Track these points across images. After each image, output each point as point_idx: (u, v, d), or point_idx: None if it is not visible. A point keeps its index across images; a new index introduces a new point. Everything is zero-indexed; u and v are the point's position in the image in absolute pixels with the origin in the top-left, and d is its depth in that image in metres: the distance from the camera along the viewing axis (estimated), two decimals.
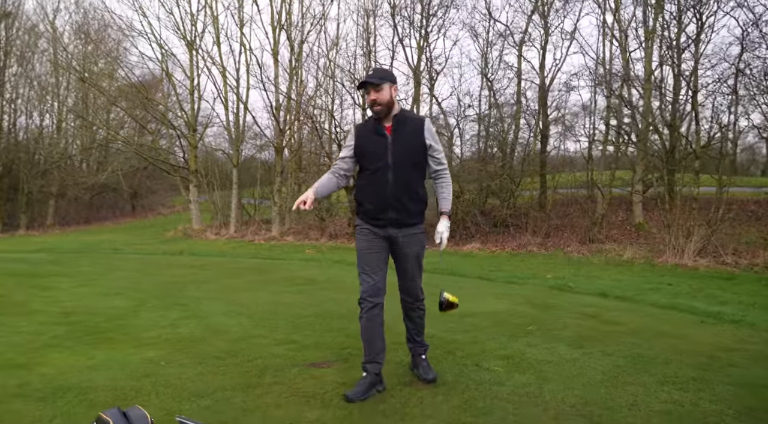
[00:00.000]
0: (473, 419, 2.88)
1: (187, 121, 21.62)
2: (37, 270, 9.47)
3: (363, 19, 19.29)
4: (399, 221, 3.24)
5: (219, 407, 3.05)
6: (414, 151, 3.24)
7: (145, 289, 7.34)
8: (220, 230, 19.38)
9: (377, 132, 3.25)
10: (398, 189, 3.19)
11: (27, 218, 26.05)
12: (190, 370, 3.75)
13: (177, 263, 10.77)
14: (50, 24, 28.02)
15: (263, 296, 6.77)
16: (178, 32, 20.22)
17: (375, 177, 3.23)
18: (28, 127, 28.40)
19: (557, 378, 3.52)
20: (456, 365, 3.81)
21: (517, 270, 9.31)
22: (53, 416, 2.94)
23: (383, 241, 3.29)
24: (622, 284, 7.52)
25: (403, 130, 3.24)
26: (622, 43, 14.81)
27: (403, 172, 3.19)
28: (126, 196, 31.92)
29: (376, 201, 3.24)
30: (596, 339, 4.50)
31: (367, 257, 3.28)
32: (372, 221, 3.29)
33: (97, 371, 3.73)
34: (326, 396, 3.22)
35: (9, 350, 4.28)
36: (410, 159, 3.22)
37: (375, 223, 3.28)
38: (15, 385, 3.43)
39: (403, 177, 3.18)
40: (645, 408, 3.01)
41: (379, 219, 3.26)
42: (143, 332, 4.88)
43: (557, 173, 16.87)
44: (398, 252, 3.33)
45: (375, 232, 3.29)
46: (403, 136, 3.23)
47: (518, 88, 17.23)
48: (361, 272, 3.30)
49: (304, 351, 4.22)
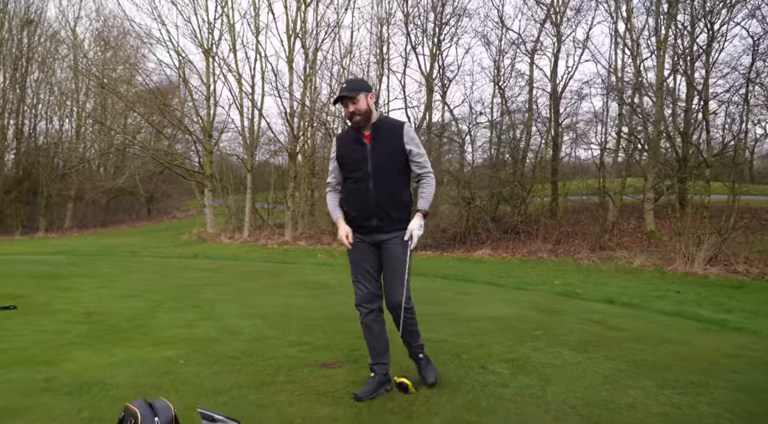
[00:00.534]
0: (477, 418, 3.01)
1: (202, 127, 21.99)
2: (58, 272, 9.74)
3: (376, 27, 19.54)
4: (382, 228, 3.25)
5: (235, 403, 3.20)
6: (394, 157, 3.23)
7: (161, 291, 7.55)
8: (234, 234, 19.66)
9: (357, 141, 3.28)
10: (380, 196, 3.19)
11: (46, 220, 26.58)
12: (207, 368, 3.91)
13: (192, 266, 11.01)
14: (71, 31, 28.69)
15: (276, 299, 6.95)
16: (196, 40, 20.66)
17: (357, 185, 3.26)
18: (48, 131, 29.10)
19: (560, 381, 3.63)
20: (462, 368, 3.93)
21: (527, 276, 9.41)
22: (80, 409, 3.12)
23: (372, 247, 3.32)
24: (629, 291, 7.59)
25: (382, 136, 3.24)
26: (633, 52, 14.87)
27: (384, 180, 3.18)
28: (142, 200, 32.44)
29: (359, 209, 3.27)
30: (600, 344, 4.60)
31: (358, 265, 3.36)
32: (358, 229, 3.31)
33: (118, 368, 3.91)
34: (337, 394, 3.37)
35: (34, 347, 4.49)
36: (391, 165, 3.22)
37: (360, 230, 3.31)
38: (42, 380, 3.62)
39: (385, 184, 3.16)
40: (643, 410, 3.12)
41: (364, 226, 3.29)
42: (161, 332, 5.07)
43: (568, 180, 16.92)
44: (383, 257, 3.32)
45: (362, 239, 3.32)
46: (382, 143, 3.23)
47: (530, 96, 17.34)
48: (354, 281, 3.39)
49: (316, 352, 4.38)
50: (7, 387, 3.46)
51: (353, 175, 3.28)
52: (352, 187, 3.30)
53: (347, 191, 3.35)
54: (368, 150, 3.23)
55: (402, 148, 3.23)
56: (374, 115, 3.28)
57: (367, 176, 3.22)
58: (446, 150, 20.04)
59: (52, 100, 28.66)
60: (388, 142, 3.23)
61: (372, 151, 3.23)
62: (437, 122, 19.53)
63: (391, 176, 3.19)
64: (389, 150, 3.22)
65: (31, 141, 27.62)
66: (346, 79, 3.52)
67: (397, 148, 3.22)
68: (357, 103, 3.19)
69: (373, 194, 3.21)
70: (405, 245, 3.26)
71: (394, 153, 3.23)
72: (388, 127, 3.28)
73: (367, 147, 3.24)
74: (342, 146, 3.36)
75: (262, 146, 23.50)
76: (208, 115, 21.84)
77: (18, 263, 11.25)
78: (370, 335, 3.41)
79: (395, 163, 3.23)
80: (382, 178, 3.19)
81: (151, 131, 27.76)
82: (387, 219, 3.23)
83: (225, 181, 22.57)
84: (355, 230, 3.33)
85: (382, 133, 3.25)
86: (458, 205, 15.37)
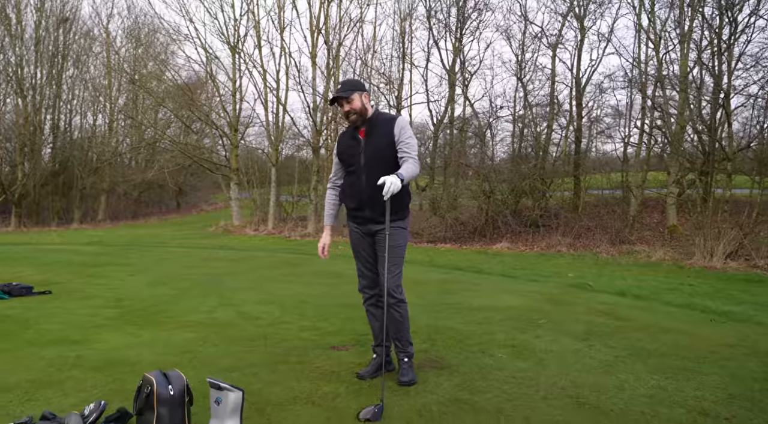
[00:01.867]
0: (470, 396, 3.20)
1: (229, 122, 22.49)
2: (91, 261, 10.23)
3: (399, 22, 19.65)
4: (374, 218, 3.40)
5: (247, 379, 3.46)
6: (386, 151, 3.35)
7: (187, 279, 7.92)
8: (258, 227, 20.10)
9: (353, 137, 3.46)
10: (371, 189, 3.27)
11: (80, 212, 27.55)
12: (224, 349, 4.20)
13: (216, 257, 11.40)
14: (104, 29, 29.54)
15: (294, 287, 7.23)
16: (222, 36, 21.11)
17: (351, 179, 3.47)
18: (82, 126, 30.05)
19: (555, 365, 3.80)
20: (463, 352, 4.12)
21: (542, 269, 9.49)
22: (106, 382, 3.43)
23: (367, 237, 3.51)
24: (642, 284, 7.63)
25: (374, 132, 3.40)
26: (657, 45, 14.69)
27: (375, 173, 3.22)
28: (171, 193, 33.28)
29: (354, 201, 3.47)
30: (603, 333, 4.72)
31: (357, 254, 3.59)
32: (355, 220, 3.53)
33: (143, 348, 4.23)
34: (342, 373, 3.61)
35: (68, 329, 4.85)
36: (382, 159, 3.34)
37: (356, 221, 3.52)
38: (73, 357, 3.95)
39: (376, 177, 3.18)
40: (630, 392, 3.27)
41: (357, 217, 3.50)
42: (184, 317, 5.39)
43: (591, 174, 16.82)
44: (377, 246, 3.48)
45: (359, 229, 3.52)
46: (374, 138, 3.39)
47: (552, 90, 17.27)
48: (357, 268, 3.63)
49: (327, 336, 4.63)
50: (41, 363, 3.79)
51: (349, 169, 3.48)
52: (348, 180, 3.52)
53: (345, 184, 3.56)
54: (362, 145, 3.41)
55: (393, 142, 3.34)
56: (369, 112, 3.45)
57: (360, 170, 3.40)
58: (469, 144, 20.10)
59: (86, 95, 29.61)
60: (380, 137, 3.37)
61: (365, 146, 3.39)
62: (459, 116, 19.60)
63: (381, 170, 3.23)
64: (381, 144, 3.36)
65: (67, 135, 28.59)
66: (341, 81, 3.70)
67: (388, 142, 3.34)
68: (351, 102, 3.36)
69: (365, 187, 3.37)
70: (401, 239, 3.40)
71: (386, 147, 3.35)
72: (382, 122, 3.42)
73: (361, 143, 3.41)
74: (341, 143, 3.57)
75: (287, 141, 23.94)
76: (234, 110, 22.33)
77: (54, 252, 11.82)
78: (372, 318, 3.64)
79: (387, 156, 3.34)
80: (374, 172, 3.27)
81: (180, 126, 28.46)
82: (378, 210, 3.33)
83: (250, 174, 23.07)
84: (353, 222, 3.55)
85: (376, 129, 3.41)
86: (478, 198, 15.46)
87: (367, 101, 3.44)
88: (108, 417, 2.70)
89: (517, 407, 3.03)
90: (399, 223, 3.40)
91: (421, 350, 4.10)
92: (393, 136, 3.34)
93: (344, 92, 3.37)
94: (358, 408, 2.96)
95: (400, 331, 3.49)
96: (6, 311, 5.55)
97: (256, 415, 2.90)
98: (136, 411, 2.58)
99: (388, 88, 19.57)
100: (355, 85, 3.47)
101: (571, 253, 12.00)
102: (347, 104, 3.37)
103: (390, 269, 3.32)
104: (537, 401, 3.13)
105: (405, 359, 3.50)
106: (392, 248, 3.31)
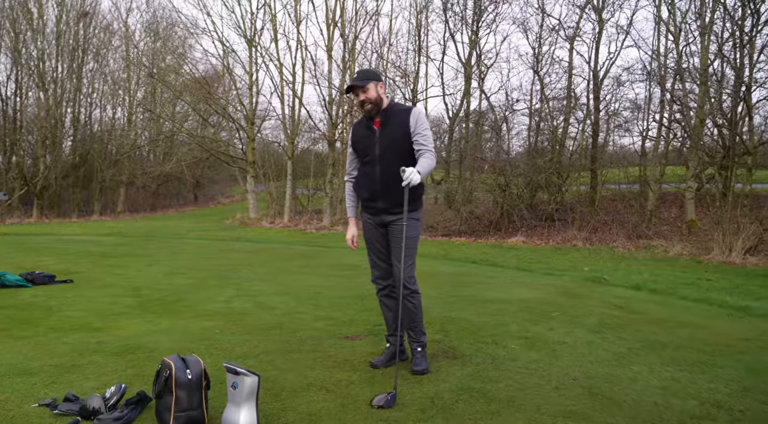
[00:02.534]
0: (481, 385, 3.23)
1: (245, 115, 22.64)
2: (110, 251, 10.42)
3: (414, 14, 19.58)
4: (388, 209, 3.40)
5: (262, 366, 3.53)
6: (400, 142, 3.34)
7: (204, 270, 8.04)
8: (274, 219, 20.25)
9: (368, 127, 3.44)
10: (385, 179, 3.33)
11: (100, 204, 27.99)
12: (240, 337, 4.27)
13: (233, 249, 11.53)
14: (123, 23, 29.87)
15: (309, 279, 7.30)
16: (239, 30, 21.20)
17: (366, 169, 3.47)
18: (102, 119, 30.46)
19: (568, 357, 3.80)
20: (476, 343, 4.14)
21: (557, 263, 9.45)
22: (126, 367, 3.51)
23: (380, 228, 3.51)
24: (659, 279, 7.57)
25: (389, 123, 3.38)
26: (677, 37, 14.45)
27: (389, 164, 3.28)
28: (189, 186, 33.62)
29: (367, 191, 3.48)
30: (617, 326, 4.71)
31: (371, 246, 3.60)
32: (368, 210, 3.54)
33: (161, 335, 4.32)
34: (355, 362, 3.65)
35: (88, 316, 4.97)
36: (396, 150, 3.33)
37: (369, 211, 3.53)
38: (94, 343, 4.05)
39: (390, 168, 3.23)
40: (643, 383, 3.27)
41: (371, 208, 3.50)
42: (201, 306, 5.49)
43: (608, 168, 16.65)
44: (390, 236, 3.48)
45: (372, 220, 3.53)
46: (389, 128, 3.37)
47: (569, 83, 17.12)
48: (369, 259, 3.65)
49: (341, 326, 4.68)
50: (63, 348, 3.90)
51: (364, 159, 3.49)
52: (363, 170, 3.52)
53: (360, 174, 3.56)
54: (377, 136, 3.39)
55: (408, 133, 3.32)
56: (384, 103, 3.43)
57: (375, 160, 3.39)
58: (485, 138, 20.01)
59: (105, 89, 30.00)
60: (395, 128, 3.35)
61: (380, 136, 3.38)
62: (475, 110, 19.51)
63: (396, 160, 3.26)
64: (395, 135, 3.34)
65: (87, 129, 29.00)
66: (357, 71, 3.70)
67: (403, 133, 3.33)
68: (367, 91, 3.35)
69: (378, 177, 3.38)
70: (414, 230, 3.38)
71: (400, 138, 3.33)
72: (397, 113, 3.40)
73: (376, 133, 3.40)
74: (355, 133, 3.57)
75: (303, 134, 24.03)
76: (250, 104, 22.47)
77: (75, 243, 12.06)
78: (384, 308, 3.67)
79: (401, 147, 3.33)
80: (388, 162, 3.30)
81: (198, 119, 28.71)
82: (391, 201, 3.35)
83: (267, 167, 23.21)
84: (366, 212, 3.57)
85: (391, 119, 3.40)
86: (493, 192, 15.41)
87: (383, 91, 3.43)
88: (128, 400, 2.77)
89: (529, 396, 3.05)
90: (413, 214, 3.38)
91: (435, 340, 4.13)
92: (408, 126, 3.33)
93: (360, 81, 3.37)
94: (371, 395, 3.01)
95: (414, 321, 3.52)
96: (29, 299, 5.70)
97: (271, 400, 2.96)
98: (156, 394, 2.64)
99: (403, 82, 19.55)
100: (371, 74, 3.46)
101: (587, 247, 11.92)
102: (362, 94, 3.37)
103: (404, 260, 3.34)
104: (549, 391, 3.15)
105: (418, 348, 3.53)
106: (407, 238, 3.33)
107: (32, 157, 27.37)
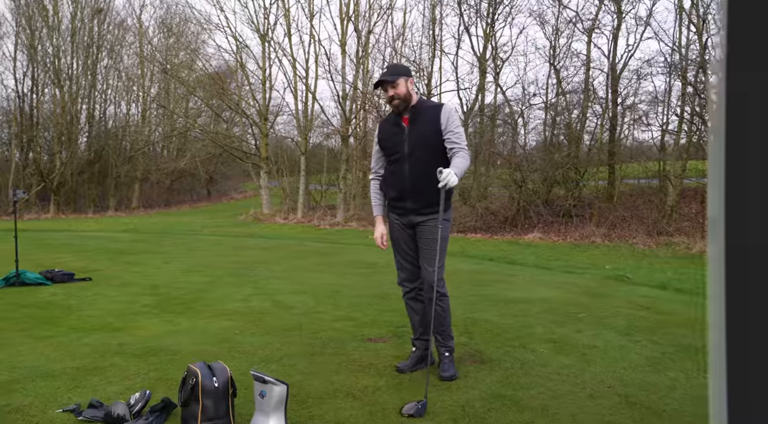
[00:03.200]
0: (512, 392, 3.12)
1: (258, 110, 22.62)
2: (127, 248, 10.44)
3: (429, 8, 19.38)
4: (417, 209, 3.29)
5: (285, 370, 3.45)
6: (430, 140, 3.23)
7: (220, 267, 8.00)
8: (288, 215, 20.24)
9: (396, 124, 3.34)
10: (415, 178, 3.23)
11: (115, 200, 28.20)
12: (261, 339, 4.20)
13: (248, 245, 11.51)
14: (137, 19, 29.97)
15: (326, 277, 7.23)
16: (252, 25, 21.18)
17: (394, 168, 3.33)
18: (116, 115, 30.62)
19: (600, 362, 3.68)
20: (503, 346, 4.03)
21: (577, 261, 9.30)
22: (148, 370, 3.46)
23: (408, 229, 3.39)
24: (683, 277, 7.39)
25: (419, 119, 3.27)
26: (699, 29, 14.14)
27: (419, 162, 3.19)
28: (202, 182, 33.77)
29: (395, 190, 3.35)
30: (646, 328, 4.58)
31: (398, 247, 3.47)
32: (395, 210, 3.42)
33: (181, 336, 4.27)
34: (380, 366, 3.56)
35: (108, 316, 4.94)
36: (426, 148, 3.23)
37: (397, 211, 3.41)
38: (116, 344, 4.01)
39: (420, 166, 3.15)
40: (682, 391, 3.15)
41: (398, 208, 3.38)
42: (220, 305, 5.43)
43: (626, 163, 16.39)
44: (418, 238, 3.37)
45: (400, 221, 3.40)
46: (419, 125, 3.26)
47: (587, 76, 16.83)
48: (396, 261, 3.52)
49: (363, 327, 4.59)
50: (85, 350, 3.86)
51: (392, 157, 3.36)
52: (390, 168, 3.40)
53: (387, 173, 3.44)
54: (406, 133, 3.28)
55: (438, 130, 3.22)
56: (414, 99, 3.32)
57: (404, 158, 3.27)
58: (499, 132, 19.80)
59: (119, 85, 30.15)
60: (425, 125, 3.26)
61: (409, 134, 3.27)
62: (490, 104, 19.29)
63: (426, 159, 3.18)
64: (425, 132, 3.25)
65: (101, 125, 29.19)
66: (387, 65, 3.60)
67: (433, 130, 3.23)
68: (396, 87, 3.25)
69: (408, 176, 3.26)
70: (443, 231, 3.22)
71: (431, 135, 3.23)
72: (427, 110, 3.31)
73: (405, 130, 3.29)
74: (383, 130, 3.47)
75: (316, 129, 23.97)
76: (263, 99, 22.43)
77: (92, 239, 12.11)
78: (411, 311, 3.57)
79: (431, 145, 3.24)
80: (418, 161, 3.21)
81: (211, 115, 28.78)
82: (421, 200, 3.25)
83: (280, 163, 23.20)
84: (394, 212, 3.44)
85: (420, 116, 3.29)
86: (509, 187, 15.23)
87: (412, 87, 3.32)
88: (153, 407, 2.71)
89: (563, 404, 2.95)
90: (444, 214, 3.26)
91: (460, 343, 4.02)
92: (439, 123, 3.22)
93: (390, 76, 3.26)
94: (400, 402, 2.92)
95: (442, 325, 3.42)
96: (49, 298, 5.69)
97: (298, 407, 2.88)
98: (182, 402, 2.58)
99: (418, 76, 19.34)
100: (401, 69, 3.36)
101: (606, 244, 11.73)
102: (392, 89, 3.26)
103: (436, 264, 3.23)
104: (583, 399, 3.04)
105: (446, 353, 3.42)
106: (441, 240, 3.21)
107: (48, 154, 27.62)
